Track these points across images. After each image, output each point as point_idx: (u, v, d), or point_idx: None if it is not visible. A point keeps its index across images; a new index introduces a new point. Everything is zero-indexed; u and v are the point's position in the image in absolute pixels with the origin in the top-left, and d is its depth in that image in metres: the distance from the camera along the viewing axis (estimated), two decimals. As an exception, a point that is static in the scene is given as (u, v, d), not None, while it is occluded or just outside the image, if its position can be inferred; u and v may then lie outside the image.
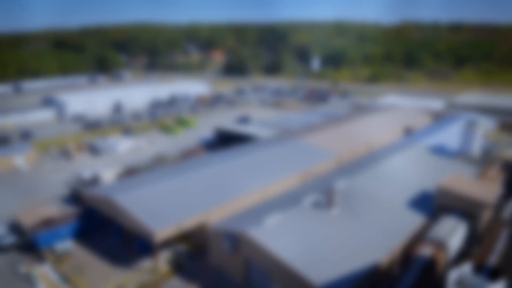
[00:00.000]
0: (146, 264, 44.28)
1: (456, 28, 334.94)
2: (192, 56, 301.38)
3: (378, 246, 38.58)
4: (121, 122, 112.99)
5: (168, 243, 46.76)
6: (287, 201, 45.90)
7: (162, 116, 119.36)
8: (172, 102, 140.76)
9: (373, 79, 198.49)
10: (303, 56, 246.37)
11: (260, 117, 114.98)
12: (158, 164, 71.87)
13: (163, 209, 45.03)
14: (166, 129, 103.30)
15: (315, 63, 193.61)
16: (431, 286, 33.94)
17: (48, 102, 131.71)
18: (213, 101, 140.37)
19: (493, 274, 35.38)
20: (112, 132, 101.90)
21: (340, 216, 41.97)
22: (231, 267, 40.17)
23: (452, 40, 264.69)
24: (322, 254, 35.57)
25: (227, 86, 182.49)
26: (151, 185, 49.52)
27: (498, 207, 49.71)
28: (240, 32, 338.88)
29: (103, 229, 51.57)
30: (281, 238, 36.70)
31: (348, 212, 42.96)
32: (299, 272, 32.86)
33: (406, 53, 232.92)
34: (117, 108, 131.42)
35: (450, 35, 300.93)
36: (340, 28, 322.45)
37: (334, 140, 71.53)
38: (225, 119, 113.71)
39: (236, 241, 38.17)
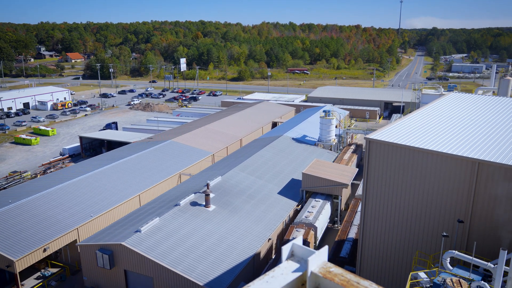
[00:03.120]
0: (6, 297, 38.85)
1: (308, 28, 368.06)
2: (47, 60, 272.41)
3: (256, 236, 40.45)
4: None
5: (34, 268, 41.72)
6: (164, 204, 44.95)
7: (14, 127, 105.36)
8: (25, 111, 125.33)
9: (240, 77, 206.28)
10: (169, 56, 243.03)
11: (130, 121, 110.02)
12: (12, 182, 63.40)
13: (24, 231, 39.99)
14: (20, 142, 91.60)
15: (183, 64, 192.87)
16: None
17: None
18: (75, 108, 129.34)
19: (354, 244, 40.14)
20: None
21: (218, 212, 42.78)
22: (109, 283, 37.75)
23: (306, 39, 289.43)
24: (203, 252, 35.83)
25: (90, 91, 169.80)
26: (7, 206, 43.48)
27: (355, 186, 56.42)
28: (100, 32, 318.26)
29: None
30: (161, 243, 35.85)
31: (225, 208, 44.03)
32: (182, 274, 32.56)
33: (268, 52, 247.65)
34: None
35: (304, 34, 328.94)
36: (204, 28, 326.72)
37: (207, 139, 72.40)
38: (91, 126, 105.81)
39: (112, 254, 35.98)
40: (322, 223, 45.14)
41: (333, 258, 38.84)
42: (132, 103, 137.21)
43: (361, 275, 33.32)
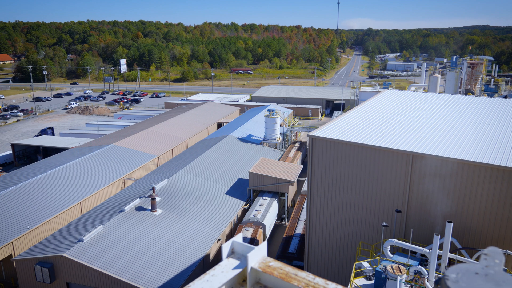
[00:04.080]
0: None
1: (250, 28, 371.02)
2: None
3: (205, 238, 40.17)
4: None
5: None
6: (108, 211, 43.29)
7: None
8: None
9: (183, 78, 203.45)
10: (108, 58, 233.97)
11: (68, 125, 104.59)
12: None
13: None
14: None
15: (123, 65, 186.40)
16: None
17: None
18: (5, 113, 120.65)
19: (301, 240, 41.13)
20: None
21: (165, 216, 41.96)
22: (51, 297, 35.69)
23: (248, 39, 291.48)
24: (151, 257, 34.98)
25: (21, 95, 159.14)
26: None
27: (300, 182, 57.77)
28: (31, 32, 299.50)
29: None
30: (106, 251, 34.51)
31: (172, 211, 43.29)
32: (129, 282, 31.57)
33: (211, 52, 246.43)
34: None
35: (246, 34, 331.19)
36: (144, 28, 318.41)
37: (151, 141, 70.67)
38: (24, 132, 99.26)
39: (53, 267, 34.07)
40: (270, 221, 45.79)
41: (282, 254, 39.56)
42: (69, 106, 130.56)
43: (309, 269, 34.27)
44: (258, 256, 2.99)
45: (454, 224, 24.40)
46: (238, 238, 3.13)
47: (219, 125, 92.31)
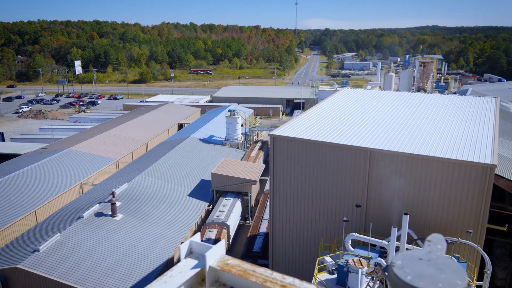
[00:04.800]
0: None
1: (210, 29, 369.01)
2: None
3: (169, 241, 39.58)
4: None
5: None
6: (65, 218, 41.69)
7: None
8: None
9: (141, 79, 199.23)
10: (62, 59, 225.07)
11: (19, 130, 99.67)
12: None
13: None
14: None
15: (78, 66, 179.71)
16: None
17: None
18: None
19: (265, 238, 41.41)
20: None
21: (126, 221, 40.95)
22: (5, 311, 33.96)
23: (208, 40, 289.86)
24: (113, 264, 34.05)
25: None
26: None
27: (263, 181, 58.15)
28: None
29: None
30: (64, 260, 33.23)
31: (134, 215, 42.33)
32: (89, 290, 30.58)
33: (170, 53, 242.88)
34: None
35: (205, 35, 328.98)
36: (100, 29, 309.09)
37: (109, 145, 68.72)
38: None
39: (6, 280, 32.38)
40: (234, 221, 45.78)
41: (247, 254, 39.68)
42: (20, 110, 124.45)
43: (273, 267, 34.59)
44: (216, 255, 3.01)
45: (410, 216, 25.42)
46: (196, 237, 3.14)
47: (180, 126, 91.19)
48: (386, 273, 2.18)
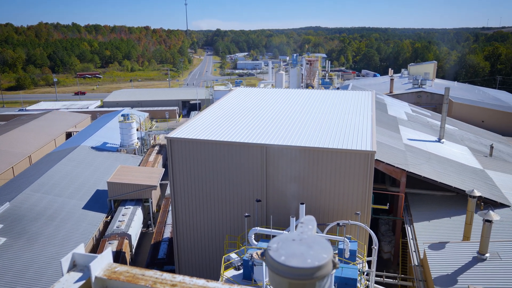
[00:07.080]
0: None
1: (95, 29, 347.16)
2: None
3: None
4: None
5: None
6: None
7: None
8: None
9: (19, 86, 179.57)
10: None
11: None
12: None
13: None
14: None
15: None
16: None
17: None
18: None
19: (170, 243, 40.56)
20: None
21: (10, 245, 36.69)
22: None
23: (94, 41, 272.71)
24: (-3, 294, 30.28)
25: None
26: None
27: (164, 186, 56.77)
28: None
29: None
30: None
31: (20, 237, 38.11)
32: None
33: (51, 56, 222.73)
34: None
35: (90, 36, 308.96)
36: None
37: (-17, 162, 60.71)
38: None
39: None
40: (135, 230, 43.96)
41: (152, 261, 38.44)
42: None
43: (180, 271, 34.09)
44: (102, 264, 2.93)
45: (306, 205, 27.09)
46: (79, 249, 3.01)
47: (69, 135, 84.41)
48: (264, 257, 2.35)
